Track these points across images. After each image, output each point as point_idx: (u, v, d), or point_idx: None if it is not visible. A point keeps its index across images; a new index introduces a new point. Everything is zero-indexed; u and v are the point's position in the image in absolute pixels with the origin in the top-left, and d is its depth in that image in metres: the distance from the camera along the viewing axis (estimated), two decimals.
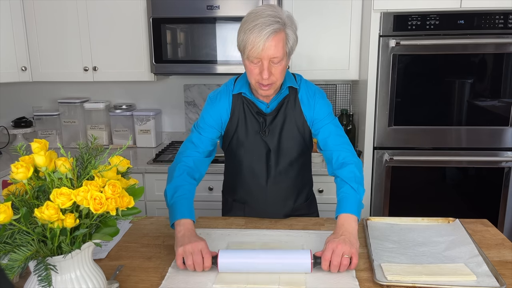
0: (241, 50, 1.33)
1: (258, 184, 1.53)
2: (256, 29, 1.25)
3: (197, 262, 1.16)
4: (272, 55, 1.28)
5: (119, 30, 2.49)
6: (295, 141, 1.49)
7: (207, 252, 1.18)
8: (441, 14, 2.13)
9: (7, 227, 0.87)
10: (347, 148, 1.43)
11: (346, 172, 1.36)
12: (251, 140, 1.48)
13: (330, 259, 1.15)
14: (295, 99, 1.47)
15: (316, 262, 1.17)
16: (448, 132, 2.26)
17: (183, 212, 1.29)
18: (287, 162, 1.51)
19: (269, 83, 1.34)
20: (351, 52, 2.45)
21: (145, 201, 2.41)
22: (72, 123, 2.80)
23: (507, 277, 1.14)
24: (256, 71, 1.32)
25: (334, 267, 1.15)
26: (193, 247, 1.18)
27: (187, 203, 1.33)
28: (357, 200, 1.31)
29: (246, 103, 1.47)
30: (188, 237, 1.22)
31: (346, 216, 1.27)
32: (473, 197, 2.33)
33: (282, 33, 1.28)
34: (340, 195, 1.33)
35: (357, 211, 1.29)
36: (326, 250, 1.16)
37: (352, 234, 1.22)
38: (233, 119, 1.48)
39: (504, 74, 2.18)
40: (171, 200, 1.34)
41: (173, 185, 1.36)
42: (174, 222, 1.29)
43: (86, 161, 0.96)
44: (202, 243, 1.19)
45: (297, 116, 1.47)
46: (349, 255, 1.15)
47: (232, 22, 2.35)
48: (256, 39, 1.24)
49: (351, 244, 1.17)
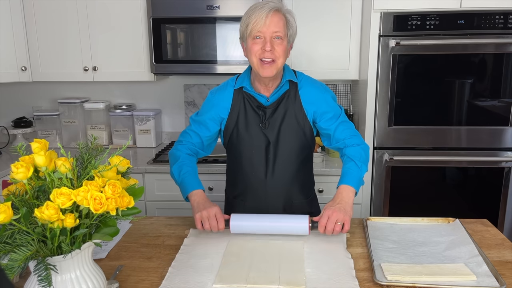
0: (243, 33, 1.42)
1: (257, 177, 1.55)
2: (258, 7, 1.37)
3: (213, 225, 1.36)
4: (274, 29, 1.37)
5: (119, 30, 2.49)
6: (295, 135, 1.52)
7: (220, 216, 1.37)
8: (441, 14, 2.13)
9: (7, 227, 0.87)
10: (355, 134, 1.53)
11: (353, 151, 1.48)
12: (251, 133, 1.52)
13: (325, 224, 1.31)
14: (295, 94, 1.50)
15: (313, 226, 1.34)
16: (448, 132, 2.26)
17: (193, 185, 1.46)
18: (286, 156, 1.53)
19: (271, 58, 1.39)
20: (351, 52, 2.45)
21: (145, 201, 2.41)
22: (72, 123, 2.80)
23: (507, 277, 1.14)
24: (258, 46, 1.39)
25: (328, 232, 1.32)
26: (208, 212, 1.37)
27: (193, 177, 1.49)
28: (358, 176, 1.43)
29: (247, 97, 1.51)
30: (202, 204, 1.40)
31: (345, 187, 1.41)
32: (473, 197, 2.33)
33: (282, 14, 1.39)
34: (344, 170, 1.46)
35: (357, 185, 1.42)
36: (323, 216, 1.33)
37: (347, 203, 1.37)
38: (233, 113, 1.52)
39: (504, 74, 2.18)
40: (179, 178, 1.49)
41: (178, 165, 1.50)
42: (187, 195, 1.46)
43: (86, 161, 0.96)
44: (215, 208, 1.38)
45: (297, 110, 1.50)
46: (342, 222, 1.31)
47: (232, 22, 2.35)
48: (259, 14, 1.35)
49: (345, 212, 1.33)
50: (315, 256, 1.26)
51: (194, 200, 1.43)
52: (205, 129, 1.56)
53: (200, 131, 1.56)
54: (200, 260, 1.24)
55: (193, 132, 1.57)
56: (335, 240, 1.36)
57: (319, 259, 1.24)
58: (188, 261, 1.24)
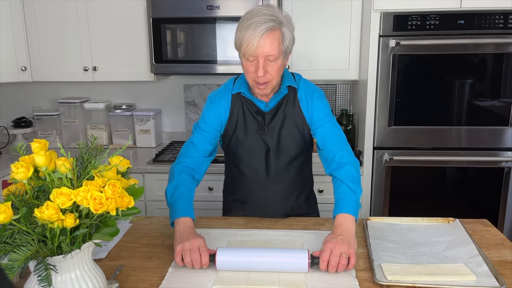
0: (237, 48, 1.35)
1: (257, 183, 1.53)
2: (252, 27, 1.26)
3: (194, 259, 1.17)
4: (267, 53, 1.28)
5: (119, 30, 2.49)
6: (294, 140, 1.49)
7: (204, 249, 1.19)
8: (441, 14, 2.13)
9: (7, 227, 0.87)
10: (344, 148, 1.43)
11: (343, 172, 1.37)
12: (250, 139, 1.49)
13: (328, 259, 1.15)
14: (294, 98, 1.47)
15: (314, 262, 1.17)
16: (448, 132, 2.26)
17: (183, 211, 1.31)
18: (286, 161, 1.51)
19: (265, 82, 1.34)
20: (351, 52, 2.45)
21: (145, 201, 2.41)
22: (72, 123, 2.80)
23: (507, 277, 1.14)
24: (252, 69, 1.33)
25: (332, 267, 1.15)
26: (191, 244, 1.19)
27: (186, 202, 1.34)
28: (354, 200, 1.32)
29: (245, 102, 1.48)
30: (186, 235, 1.23)
31: (344, 216, 1.28)
32: (473, 197, 2.33)
33: (277, 31, 1.29)
34: (338, 195, 1.34)
35: (355, 211, 1.30)
36: (324, 250, 1.17)
37: (350, 234, 1.22)
38: (232, 119, 1.49)
39: (504, 74, 2.18)
40: (171, 199, 1.35)
41: (173, 185, 1.37)
42: (173, 221, 1.30)
43: (86, 161, 0.96)
44: (200, 240, 1.20)
45: (296, 115, 1.47)
46: (347, 255, 1.16)
47: (232, 22, 2.35)
48: (251, 37, 1.26)
49: (349, 244, 1.18)
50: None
51: (179, 229, 1.26)
52: (209, 135, 1.49)
53: (206, 135, 1.48)
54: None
55: (199, 139, 1.48)
56: None
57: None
58: None
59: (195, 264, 1.18)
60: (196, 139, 1.48)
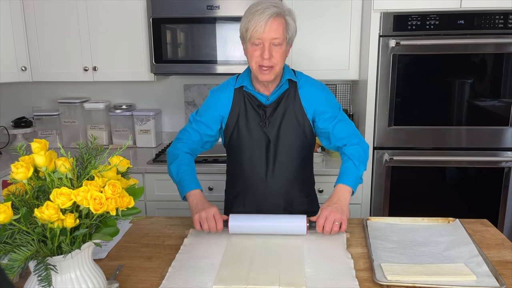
0: (243, 36, 1.42)
1: (257, 176, 1.56)
2: (258, 12, 1.36)
3: (211, 226, 1.36)
4: (273, 36, 1.37)
5: (119, 30, 2.49)
6: (295, 133, 1.53)
7: (219, 217, 1.38)
8: (441, 14, 2.13)
9: (7, 227, 0.87)
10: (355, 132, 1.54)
11: (352, 150, 1.49)
12: (251, 132, 1.53)
13: (323, 224, 1.33)
14: (295, 93, 1.51)
15: (311, 226, 1.36)
16: (448, 132, 2.26)
17: (191, 185, 1.46)
18: (286, 155, 1.54)
19: (270, 65, 1.40)
20: (351, 52, 2.45)
21: (145, 201, 2.41)
22: (72, 123, 2.80)
23: (507, 277, 1.14)
24: (257, 53, 1.40)
25: (326, 232, 1.34)
26: (206, 213, 1.37)
27: (192, 176, 1.49)
28: (356, 175, 1.45)
29: (247, 96, 1.52)
30: (201, 204, 1.40)
31: (342, 186, 1.43)
32: (473, 197, 2.33)
33: (282, 18, 1.39)
34: (342, 169, 1.47)
35: (354, 184, 1.44)
36: (320, 217, 1.35)
37: (344, 203, 1.39)
38: (233, 112, 1.53)
39: (504, 74, 2.18)
40: (177, 177, 1.49)
41: (176, 164, 1.50)
42: (185, 195, 1.45)
43: (86, 161, 0.96)
44: (214, 209, 1.39)
45: (297, 109, 1.51)
46: (340, 222, 1.34)
47: (232, 22, 2.35)
48: (258, 20, 1.35)
49: (342, 212, 1.35)
50: (315, 256, 1.26)
51: (192, 200, 1.43)
52: (205, 127, 1.57)
53: (200, 128, 1.57)
54: (200, 260, 1.24)
55: (193, 129, 1.57)
56: (334, 240, 1.36)
57: (319, 259, 1.24)
58: (188, 261, 1.24)
59: (211, 229, 1.36)
60: (191, 129, 1.58)
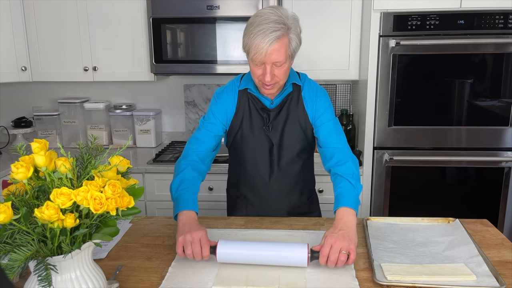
0: (245, 50, 1.38)
1: (261, 179, 1.55)
2: (260, 34, 1.28)
3: (195, 251, 1.18)
4: (274, 60, 1.31)
5: (119, 30, 2.49)
6: (297, 137, 1.52)
7: (205, 241, 1.19)
8: (441, 14, 2.13)
9: (7, 227, 0.87)
10: (345, 146, 1.47)
11: (344, 168, 1.40)
12: (255, 135, 1.52)
13: (328, 254, 1.14)
14: (298, 97, 1.51)
15: (313, 256, 1.16)
16: (448, 132, 2.26)
17: (187, 204, 1.32)
18: (289, 158, 1.54)
19: (272, 83, 1.38)
20: (351, 52, 2.45)
21: (145, 201, 2.41)
22: (72, 123, 2.80)
23: (507, 277, 1.14)
24: (259, 72, 1.36)
25: (331, 263, 1.14)
26: (193, 236, 1.19)
27: (190, 196, 1.35)
28: (355, 195, 1.34)
29: (251, 99, 1.51)
30: (189, 226, 1.24)
31: (345, 210, 1.28)
32: (473, 197, 2.33)
33: (285, 38, 1.31)
34: (339, 190, 1.35)
35: (355, 205, 1.31)
36: (325, 245, 1.16)
37: (351, 229, 1.22)
38: (238, 114, 1.52)
39: (504, 74, 2.18)
40: (175, 193, 1.37)
41: (178, 179, 1.39)
42: (177, 214, 1.31)
43: (86, 161, 0.96)
44: (201, 232, 1.21)
45: (299, 113, 1.51)
46: (347, 251, 1.15)
47: (232, 22, 2.35)
48: (260, 45, 1.28)
49: (349, 240, 1.17)
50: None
51: (181, 220, 1.27)
52: (216, 129, 1.51)
53: (211, 131, 1.50)
54: (200, 261, 1.24)
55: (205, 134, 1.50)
56: None
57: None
58: (188, 261, 1.24)
59: (196, 256, 1.18)
60: (201, 135, 1.50)
